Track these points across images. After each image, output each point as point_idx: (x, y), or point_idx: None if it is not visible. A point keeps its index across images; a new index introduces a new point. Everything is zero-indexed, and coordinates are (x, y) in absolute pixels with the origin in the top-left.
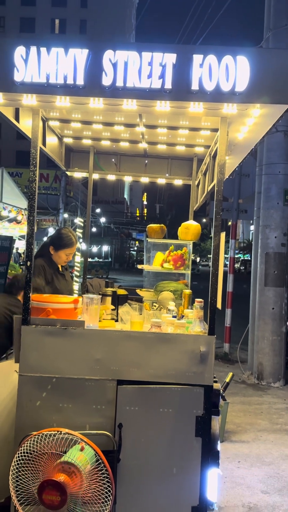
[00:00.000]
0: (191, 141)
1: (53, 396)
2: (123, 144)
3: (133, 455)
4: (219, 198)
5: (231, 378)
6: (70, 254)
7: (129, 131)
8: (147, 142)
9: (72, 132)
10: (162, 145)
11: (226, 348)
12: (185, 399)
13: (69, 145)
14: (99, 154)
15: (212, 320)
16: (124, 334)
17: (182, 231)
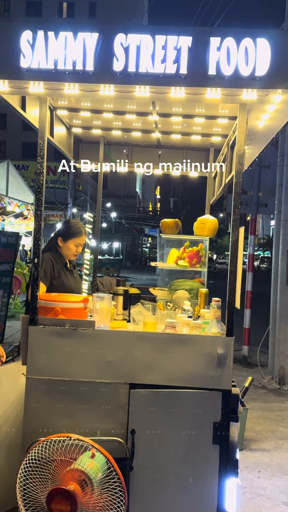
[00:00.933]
0: (208, 130)
1: (62, 400)
2: (135, 134)
3: (147, 463)
4: (237, 191)
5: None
6: (79, 245)
7: (142, 120)
8: (160, 132)
9: (81, 122)
10: (176, 134)
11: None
12: (201, 404)
13: (78, 136)
14: (110, 145)
15: (231, 321)
16: (137, 335)
17: (198, 226)
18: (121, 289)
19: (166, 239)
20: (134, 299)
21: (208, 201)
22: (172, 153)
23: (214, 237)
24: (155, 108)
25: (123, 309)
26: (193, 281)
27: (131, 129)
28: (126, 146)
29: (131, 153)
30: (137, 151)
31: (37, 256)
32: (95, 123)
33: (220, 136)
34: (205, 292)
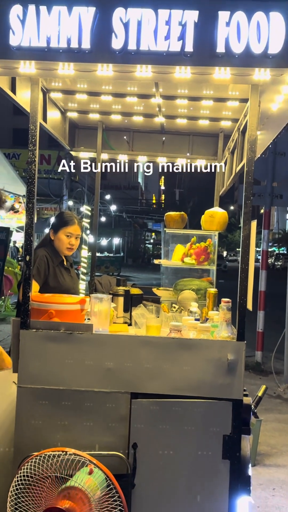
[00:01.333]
0: (216, 114)
1: (57, 411)
2: (137, 118)
3: (150, 479)
4: (249, 180)
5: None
6: (71, 235)
7: (144, 103)
8: (164, 116)
9: (77, 105)
10: (182, 119)
11: (258, 357)
12: (210, 415)
13: (73, 121)
14: (109, 131)
15: (242, 324)
16: (139, 340)
17: (206, 220)
18: (122, 290)
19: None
20: (136, 300)
21: (217, 192)
22: (177, 140)
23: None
24: (159, 90)
25: (123, 311)
26: (200, 281)
27: (132, 113)
28: (126, 132)
29: (132, 139)
30: (139, 138)
31: (29, 253)
32: (93, 107)
33: (230, 120)
34: (214, 293)
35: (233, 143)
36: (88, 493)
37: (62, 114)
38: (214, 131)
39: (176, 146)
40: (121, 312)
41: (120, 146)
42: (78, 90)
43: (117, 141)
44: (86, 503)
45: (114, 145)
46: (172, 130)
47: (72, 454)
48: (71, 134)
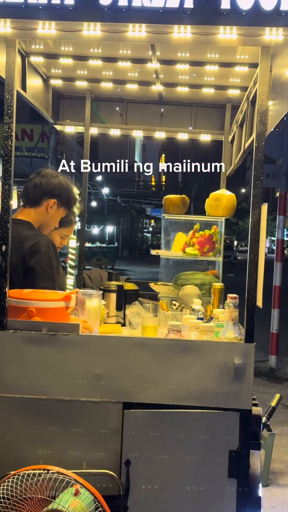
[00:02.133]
0: (223, 81)
1: (38, 424)
2: (131, 87)
3: (145, 502)
4: (259, 158)
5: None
6: (66, 237)
7: (139, 68)
8: (162, 84)
9: (62, 72)
10: (183, 87)
11: (273, 361)
12: (214, 428)
13: (58, 89)
14: (99, 101)
15: (251, 323)
16: (133, 342)
17: (211, 204)
18: (114, 285)
19: (170, 221)
20: (131, 297)
21: (223, 172)
22: (178, 111)
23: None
24: (155, 53)
25: (116, 309)
26: (204, 274)
27: (125, 81)
28: (119, 103)
29: (125, 111)
30: (133, 109)
31: (5, 243)
32: (80, 73)
33: (239, 88)
34: (220, 288)
35: (242, 114)
36: None
37: (45, 81)
38: (220, 101)
39: (177, 118)
40: (114, 311)
41: (112, 119)
42: (62, 54)
43: (108, 113)
44: None
45: (105, 118)
46: (171, 100)
47: (56, 472)
48: (55, 105)
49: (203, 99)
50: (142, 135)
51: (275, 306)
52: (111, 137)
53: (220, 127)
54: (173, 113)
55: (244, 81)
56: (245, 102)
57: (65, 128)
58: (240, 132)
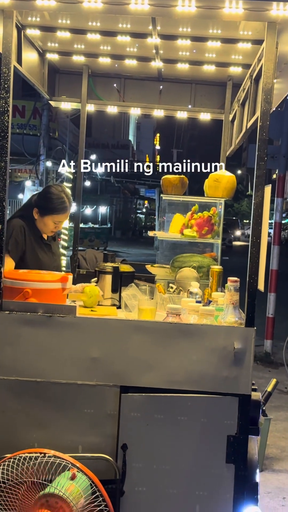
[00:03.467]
0: (225, 58)
1: (34, 406)
2: (129, 62)
3: (142, 486)
4: (263, 138)
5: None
6: (60, 223)
7: (138, 43)
8: (162, 60)
9: (59, 45)
10: (183, 63)
11: (268, 346)
12: (213, 413)
13: (54, 64)
14: (96, 77)
15: (252, 307)
16: (131, 325)
17: (211, 185)
18: (110, 266)
19: (168, 202)
20: (127, 279)
21: (223, 152)
22: (178, 88)
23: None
24: (156, 28)
25: (112, 291)
26: (203, 256)
27: (123, 56)
28: (117, 79)
29: (123, 88)
30: (131, 86)
31: (1, 222)
32: (77, 47)
33: (241, 66)
34: (218, 271)
35: (244, 93)
36: (70, 501)
37: (40, 55)
38: (221, 79)
39: (176, 96)
40: (109, 293)
41: (109, 95)
42: (59, 27)
43: (105, 89)
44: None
45: (102, 94)
46: (171, 77)
47: (52, 456)
48: (50, 80)
49: (203, 76)
50: (140, 113)
51: (271, 290)
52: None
53: (220, 106)
54: (172, 90)
55: (246, 58)
56: (247, 80)
57: (60, 105)
58: (241, 111)
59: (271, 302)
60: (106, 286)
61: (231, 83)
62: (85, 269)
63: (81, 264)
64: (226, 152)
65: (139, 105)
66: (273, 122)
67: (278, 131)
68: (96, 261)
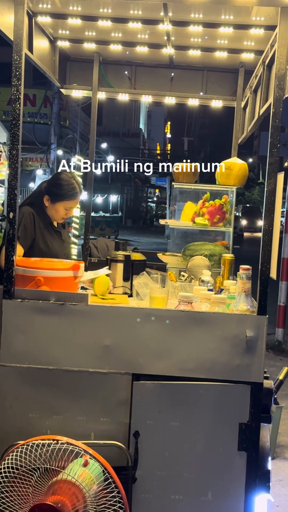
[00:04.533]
0: (237, 44)
1: (46, 394)
2: (141, 49)
3: (154, 473)
4: (276, 124)
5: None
6: (71, 209)
7: (149, 30)
8: (174, 47)
9: (70, 33)
10: (195, 50)
11: (280, 335)
12: (224, 401)
13: (65, 52)
14: (107, 65)
15: (264, 295)
16: (143, 313)
17: (222, 173)
18: (121, 254)
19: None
20: (138, 267)
21: (235, 140)
22: (189, 76)
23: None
24: (168, 14)
25: (123, 280)
26: (214, 245)
27: (135, 43)
28: (128, 66)
29: (134, 75)
30: (143, 73)
31: (13, 210)
32: (88, 35)
33: (253, 52)
34: (230, 259)
35: (257, 79)
36: (83, 488)
37: (51, 43)
38: (233, 66)
39: (188, 83)
40: (121, 281)
41: (120, 83)
42: (70, 14)
43: (116, 76)
44: (80, 499)
45: (113, 82)
46: (183, 64)
47: (65, 443)
48: (61, 68)
49: (215, 63)
50: (151, 101)
51: (283, 279)
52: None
53: (232, 93)
54: (183, 77)
55: (258, 44)
56: (260, 66)
57: (71, 92)
58: (254, 98)
59: (282, 290)
60: (117, 275)
61: (243, 70)
62: (97, 258)
63: (93, 252)
64: (238, 139)
65: (150, 92)
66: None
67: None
68: (107, 250)
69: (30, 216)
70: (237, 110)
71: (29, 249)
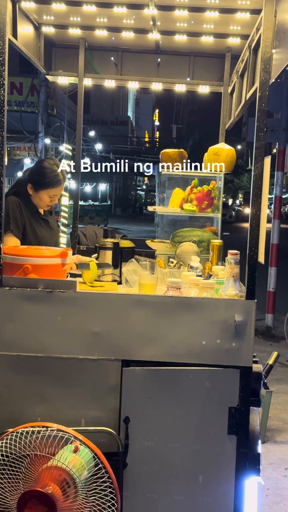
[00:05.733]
0: (223, 29)
1: (35, 381)
2: (126, 35)
3: (145, 458)
4: (262, 108)
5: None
6: (55, 196)
7: (135, 15)
8: (160, 32)
9: (54, 18)
10: (181, 35)
11: (269, 320)
12: (214, 385)
13: (50, 38)
14: (93, 51)
15: (252, 279)
16: (132, 299)
17: (210, 159)
18: (110, 242)
19: (167, 177)
20: (127, 254)
21: (222, 125)
22: (176, 61)
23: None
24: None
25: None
26: (203, 231)
27: (120, 28)
28: (114, 52)
29: (121, 61)
30: (129, 59)
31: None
32: (73, 20)
33: (239, 36)
34: (218, 245)
35: (243, 64)
36: (73, 474)
37: (36, 29)
38: (219, 51)
39: (174, 69)
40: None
41: (106, 69)
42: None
43: (102, 63)
44: (71, 485)
45: (99, 68)
46: (169, 49)
47: (55, 430)
48: (47, 55)
49: (201, 48)
50: (138, 87)
51: (272, 264)
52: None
53: (219, 78)
54: (170, 63)
55: (245, 28)
56: (246, 50)
57: (57, 79)
58: (240, 83)
59: (272, 276)
60: (106, 262)
61: (229, 55)
62: (85, 245)
63: (81, 240)
64: (226, 125)
65: (137, 78)
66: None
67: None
68: (96, 237)
69: (17, 206)
70: (224, 95)
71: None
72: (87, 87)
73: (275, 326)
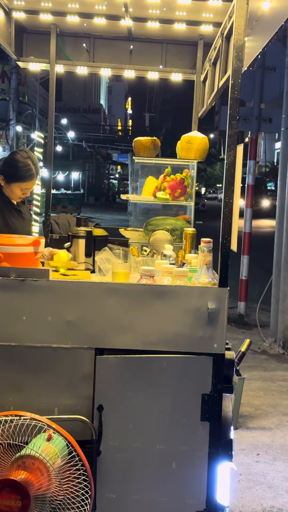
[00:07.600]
0: (196, 16)
1: (8, 370)
2: (98, 21)
3: (118, 446)
4: (235, 96)
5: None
6: (27, 189)
7: (107, 1)
8: (132, 18)
9: (25, 3)
10: (153, 22)
11: (242, 308)
12: (187, 372)
13: (20, 23)
14: (64, 37)
15: (225, 267)
16: (105, 287)
17: (183, 147)
18: (83, 231)
19: (140, 164)
20: (100, 243)
21: (195, 113)
22: (148, 48)
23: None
24: None
25: (85, 256)
26: (176, 219)
27: (92, 15)
28: (86, 39)
29: (93, 48)
30: (101, 46)
31: None
32: (44, 6)
33: (212, 24)
34: (191, 233)
35: (216, 52)
36: (47, 462)
37: (6, 14)
38: (192, 38)
39: (147, 56)
40: (83, 257)
41: (78, 55)
42: None
43: (74, 49)
44: (44, 473)
45: (71, 55)
46: (141, 36)
47: (28, 418)
48: (18, 41)
49: (174, 35)
50: (110, 74)
51: (244, 253)
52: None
53: (191, 66)
54: (143, 50)
55: (217, 16)
56: (219, 38)
57: (28, 65)
58: (213, 71)
59: (244, 264)
60: (79, 250)
61: (202, 42)
62: (58, 234)
63: (54, 229)
64: (198, 113)
65: (109, 65)
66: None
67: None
68: (69, 226)
69: None
70: (196, 83)
71: None
72: (59, 74)
73: (248, 314)
